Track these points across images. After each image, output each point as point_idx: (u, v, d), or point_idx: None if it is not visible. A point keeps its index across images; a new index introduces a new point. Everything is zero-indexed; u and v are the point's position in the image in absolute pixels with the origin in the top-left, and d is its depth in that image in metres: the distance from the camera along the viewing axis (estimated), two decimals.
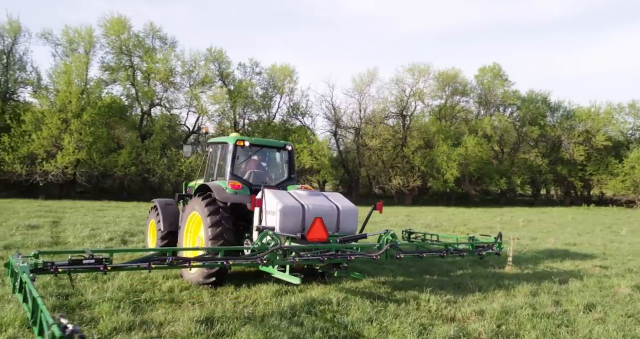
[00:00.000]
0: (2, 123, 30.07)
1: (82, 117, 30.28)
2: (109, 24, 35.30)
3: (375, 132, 41.47)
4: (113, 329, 4.84)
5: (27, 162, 29.31)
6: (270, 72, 41.54)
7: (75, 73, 32.35)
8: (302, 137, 37.88)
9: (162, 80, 36.43)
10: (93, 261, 4.67)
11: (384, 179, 41.41)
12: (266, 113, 41.85)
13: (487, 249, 7.89)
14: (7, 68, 33.96)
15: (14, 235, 11.57)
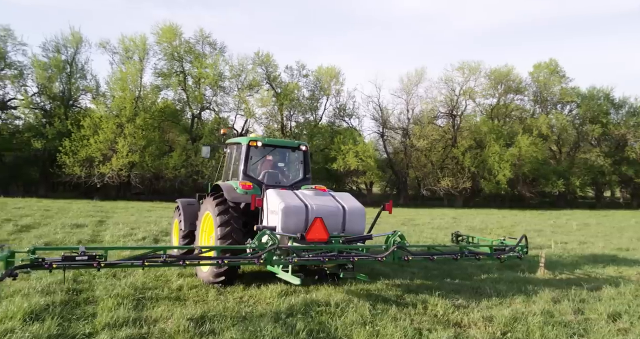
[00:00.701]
0: (64, 128, 32.02)
1: (135, 121, 31.69)
2: (162, 32, 36.74)
3: (423, 132, 40.63)
4: (106, 324, 4.98)
5: (86, 165, 31.00)
6: (316, 74, 41.75)
7: (130, 80, 33.96)
8: (347, 138, 37.74)
9: (211, 85, 37.47)
10: (86, 258, 4.83)
11: (432, 180, 40.49)
12: (313, 115, 42.08)
13: (507, 253, 7.49)
14: (70, 77, 36.09)
15: (57, 233, 12.23)
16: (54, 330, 4.68)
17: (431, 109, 43.06)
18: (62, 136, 31.57)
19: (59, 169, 30.78)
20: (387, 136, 44.20)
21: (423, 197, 43.17)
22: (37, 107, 35.42)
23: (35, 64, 33.95)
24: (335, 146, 37.75)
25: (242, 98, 37.84)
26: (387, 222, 22.01)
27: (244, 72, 38.63)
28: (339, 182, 42.73)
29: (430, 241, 14.29)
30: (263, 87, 39.99)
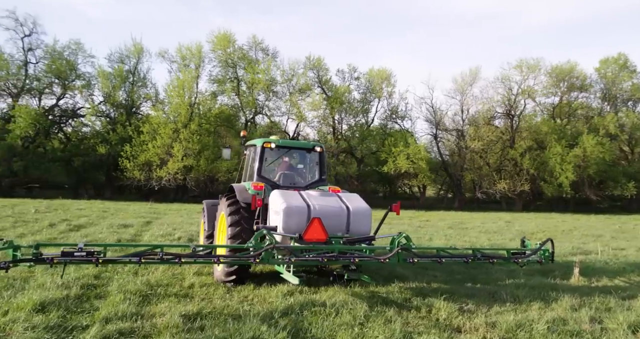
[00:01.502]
0: (126, 134, 33.88)
1: (190, 127, 32.97)
2: (216, 40, 38.06)
3: (478, 133, 39.33)
4: (104, 317, 5.22)
5: (145, 169, 32.61)
6: (368, 76, 41.59)
7: (186, 86, 35.40)
8: (398, 140, 37.26)
9: (263, 90, 38.30)
10: (84, 254, 5.11)
11: (487, 183, 39.06)
12: (364, 117, 41.94)
13: (526, 257, 7.10)
14: (132, 85, 38.19)
15: (102, 233, 12.96)
16: (55, 321, 4.97)
17: (487, 110, 41.62)
18: (124, 141, 33.41)
19: (121, 173, 32.59)
20: (441, 137, 43.20)
21: (479, 201, 41.73)
22: (102, 115, 37.73)
23: (100, 74, 36.21)
24: (386, 148, 37.38)
25: (293, 102, 38.36)
26: (434, 225, 21.52)
27: (295, 76, 39.22)
28: (390, 185, 42.30)
29: (467, 245, 13.81)
30: (314, 91, 40.39)
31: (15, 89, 36.80)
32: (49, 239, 11.42)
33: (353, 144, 39.61)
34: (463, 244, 13.78)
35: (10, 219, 15.56)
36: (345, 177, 38.55)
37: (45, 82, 37.58)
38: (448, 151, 43.68)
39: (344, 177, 38.85)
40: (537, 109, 43.73)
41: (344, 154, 41.14)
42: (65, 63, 36.74)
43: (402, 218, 26.71)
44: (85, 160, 35.16)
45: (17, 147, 33.25)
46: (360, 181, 39.83)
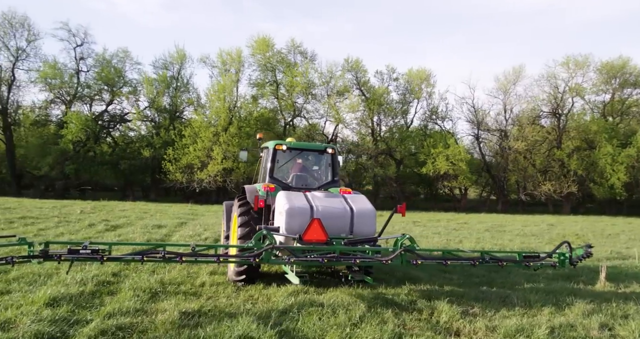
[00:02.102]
0: (169, 138, 35.07)
1: (229, 130, 33.73)
2: (256, 44, 38.77)
3: (522, 133, 38.07)
4: (109, 312, 5.46)
5: (187, 172, 33.62)
6: (406, 77, 41.19)
7: (226, 91, 36.23)
8: (437, 141, 36.65)
9: (302, 93, 38.66)
10: (89, 252, 5.37)
11: (532, 184, 37.73)
12: (403, 119, 41.53)
13: (540, 260, 6.84)
14: (176, 90, 39.52)
15: (135, 233, 13.49)
16: (62, 315, 5.25)
17: (532, 109, 40.26)
18: (167, 145, 34.59)
19: (164, 175, 33.74)
20: (483, 138, 42.15)
21: (524, 203, 40.37)
22: (147, 120, 39.23)
23: (145, 80, 37.66)
24: (425, 149, 36.87)
25: (331, 104, 38.50)
26: (471, 228, 21.04)
27: (333, 78, 39.36)
28: (430, 186, 41.63)
29: (497, 248, 13.44)
30: (353, 92, 40.38)
31: (69, 96, 38.88)
32: (84, 238, 12.00)
33: (392, 145, 39.28)
34: (492, 247, 13.42)
35: (55, 219, 16.45)
36: (383, 179, 38.28)
37: (95, 89, 39.51)
38: (490, 151, 42.55)
39: (383, 179, 38.59)
40: (586, 108, 41.98)
41: (383, 156, 40.88)
42: (114, 70, 38.49)
43: (439, 220, 26.28)
44: (132, 163, 36.63)
45: (68, 151, 35.08)
46: (399, 183, 39.42)
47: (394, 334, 5.07)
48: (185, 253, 5.75)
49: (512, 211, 38.32)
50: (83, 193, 38.08)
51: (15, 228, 13.45)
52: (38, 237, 11.78)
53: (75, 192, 38.14)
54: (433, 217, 28.91)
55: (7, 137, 37.78)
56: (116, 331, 4.88)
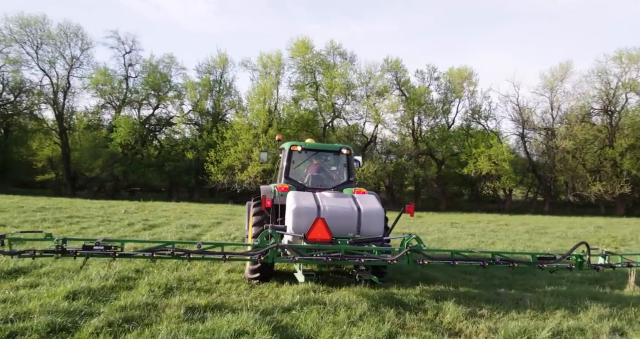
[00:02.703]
0: (211, 140, 36.06)
1: (269, 132, 34.29)
2: (295, 47, 39.23)
3: (570, 132, 36.54)
4: (120, 306, 5.77)
5: (228, 173, 34.46)
6: (448, 76, 40.48)
7: (266, 93, 36.86)
8: (479, 141, 35.79)
9: (341, 94, 38.77)
10: (102, 248, 5.70)
11: (581, 185, 36.14)
12: (445, 118, 40.84)
13: (556, 262, 6.63)
14: (218, 94, 40.59)
15: (170, 231, 14.02)
16: (76, 308, 5.59)
17: (581, 106, 38.56)
18: (210, 147, 35.58)
19: (207, 176, 34.72)
20: (529, 137, 40.79)
21: (573, 205, 38.74)
22: (191, 123, 40.49)
23: (188, 85, 38.90)
24: (466, 149, 36.09)
25: (370, 105, 38.39)
26: (510, 230, 20.47)
27: (372, 79, 39.24)
28: (473, 187, 40.71)
29: (529, 249, 13.04)
30: (392, 93, 40.13)
31: (118, 101, 40.72)
32: (119, 236, 12.63)
33: (433, 145, 38.71)
34: (524, 249, 13.06)
35: (98, 219, 17.31)
36: (424, 179, 37.79)
37: (143, 94, 41.16)
38: (536, 151, 41.11)
39: (424, 180, 38.10)
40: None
41: (424, 156, 40.37)
42: (160, 76, 39.97)
43: (479, 221, 25.69)
44: (176, 165, 37.92)
45: (117, 154, 36.75)
46: (440, 184, 38.77)
47: (389, 333, 5.09)
48: (193, 251, 5.98)
49: (560, 212, 36.88)
50: (133, 194, 39.77)
51: (60, 227, 14.26)
52: (79, 235, 12.48)
53: (125, 193, 39.91)
54: (474, 218, 28.27)
55: (62, 141, 40.03)
56: (122, 323, 5.15)
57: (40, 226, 14.09)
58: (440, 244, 13.92)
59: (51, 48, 39.21)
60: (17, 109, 41.10)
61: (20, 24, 38.03)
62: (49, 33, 38.96)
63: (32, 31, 38.42)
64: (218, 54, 40.57)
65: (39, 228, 13.66)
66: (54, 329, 4.89)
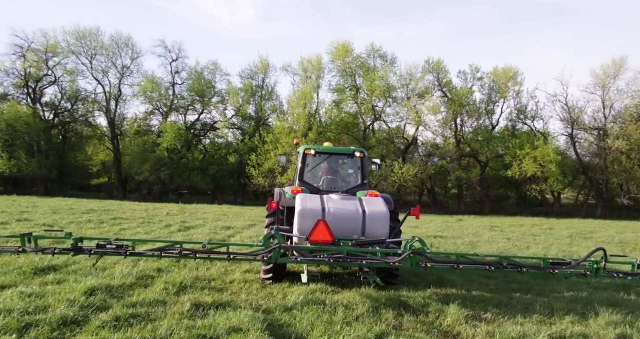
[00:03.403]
0: (253, 144, 36.83)
1: (309, 135, 34.65)
2: (335, 50, 39.47)
3: (624, 131, 34.72)
4: (133, 302, 6.10)
5: (269, 176, 35.07)
6: (492, 75, 39.46)
7: (307, 97, 37.27)
8: (524, 142, 34.66)
9: (381, 96, 38.64)
10: (114, 247, 6.07)
11: (635, 187, 34.26)
12: (488, 119, 39.82)
13: (569, 267, 6.43)
14: (260, 99, 41.43)
15: (202, 233, 14.51)
16: (91, 302, 5.97)
17: (636, 104, 36.57)
18: (252, 151, 36.36)
19: (248, 179, 35.49)
20: (579, 137, 39.08)
21: (629, 208, 36.73)
22: (233, 127, 41.53)
23: (230, 90, 39.98)
24: (510, 151, 35.05)
25: (410, 107, 38.03)
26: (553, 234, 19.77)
27: (412, 80, 38.86)
28: (518, 190, 39.44)
29: (562, 254, 12.57)
30: (434, 94, 39.58)
31: (165, 107, 42.32)
32: (155, 237, 13.20)
33: (476, 147, 37.83)
34: (557, 254, 12.60)
35: (139, 220, 18.11)
36: (466, 182, 37.00)
37: (188, 100, 42.60)
38: (587, 152, 39.32)
39: (465, 182, 37.31)
40: None
41: (467, 158, 39.54)
42: (204, 82, 41.26)
43: (522, 225, 24.93)
44: (219, 168, 38.99)
45: (164, 158, 38.19)
46: (484, 186, 37.81)
47: (380, 333, 5.15)
48: (199, 250, 6.26)
49: (613, 216, 35.08)
50: (180, 196, 41.17)
51: (102, 228, 15.04)
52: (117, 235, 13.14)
53: (173, 195, 41.39)
54: (517, 222, 27.42)
55: (114, 146, 42.05)
56: (129, 318, 5.47)
57: (84, 227, 14.92)
58: (469, 247, 13.69)
59: (104, 58, 41.35)
60: (74, 116, 43.50)
61: (76, 36, 40.33)
62: (102, 44, 41.11)
63: (86, 43, 40.67)
64: (260, 60, 41.44)
65: (82, 229, 14.49)
66: (65, 322, 5.27)
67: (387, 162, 34.76)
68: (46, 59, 40.88)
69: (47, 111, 42.82)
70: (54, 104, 42.93)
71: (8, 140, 37.95)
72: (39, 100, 42.15)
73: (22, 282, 7.05)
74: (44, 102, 42.72)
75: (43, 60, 40.79)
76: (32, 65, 40.52)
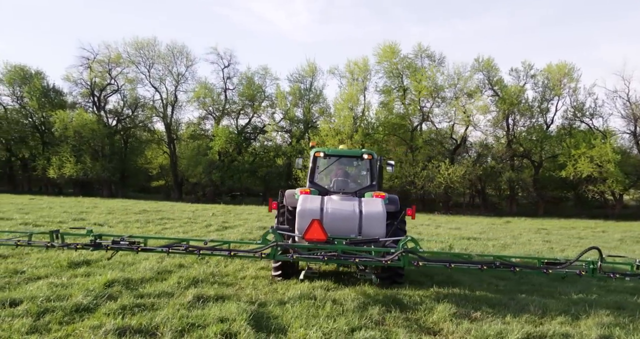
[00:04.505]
0: (300, 147, 37.55)
1: (354, 137, 34.87)
2: (382, 52, 39.46)
3: None
4: (140, 294, 6.67)
5: None
6: (546, 72, 37.95)
7: (353, 99, 37.51)
8: (579, 141, 33.09)
9: (429, 97, 38.20)
10: (127, 243, 6.67)
11: None
12: (542, 118, 38.34)
13: (563, 267, 6.35)
14: (309, 102, 42.13)
15: (236, 232, 15.18)
16: (107, 293, 6.59)
17: None
18: (299, 153, 37.05)
19: (295, 181, 36.20)
20: None
21: None
22: (282, 130, 42.51)
23: (278, 94, 40.96)
24: (565, 150, 33.57)
25: (458, 106, 37.34)
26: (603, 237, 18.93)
27: (461, 80, 38.13)
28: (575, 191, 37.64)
29: None
30: (484, 93, 38.65)
31: (218, 112, 43.98)
32: (193, 236, 13.99)
33: (528, 147, 36.54)
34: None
35: (184, 221, 19.11)
36: (517, 183, 35.83)
37: (239, 104, 44.02)
38: None
39: (517, 184, 36.12)
40: None
41: (519, 159, 38.29)
42: (255, 87, 42.52)
43: (574, 228, 23.95)
44: (269, 171, 40.04)
45: (215, 161, 39.73)
46: (537, 188, 36.42)
47: (355, 327, 5.39)
48: (203, 247, 6.74)
49: None
50: (234, 198, 42.62)
51: (146, 227, 16.04)
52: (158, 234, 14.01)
53: (226, 197, 42.89)
54: (569, 224, 26.34)
55: (170, 150, 44.20)
56: (134, 307, 6.02)
57: (131, 227, 15.99)
58: (499, 249, 13.49)
59: (161, 66, 43.62)
60: (134, 122, 46.16)
61: (135, 46, 42.85)
62: (159, 53, 43.39)
63: (145, 53, 43.09)
64: (307, 63, 42.15)
65: (129, 228, 15.54)
66: (78, 309, 5.89)
67: (434, 163, 34.34)
68: (109, 69, 43.73)
69: (111, 117, 45.77)
70: (117, 111, 45.80)
71: (75, 146, 40.88)
72: (103, 108, 45.15)
73: (55, 274, 7.85)
74: (107, 110, 45.72)
75: (107, 70, 43.66)
76: (97, 75, 43.48)
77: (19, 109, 43.91)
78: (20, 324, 5.24)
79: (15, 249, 9.41)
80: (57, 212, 19.81)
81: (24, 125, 43.98)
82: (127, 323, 5.34)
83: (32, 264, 8.58)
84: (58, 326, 5.31)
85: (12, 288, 6.84)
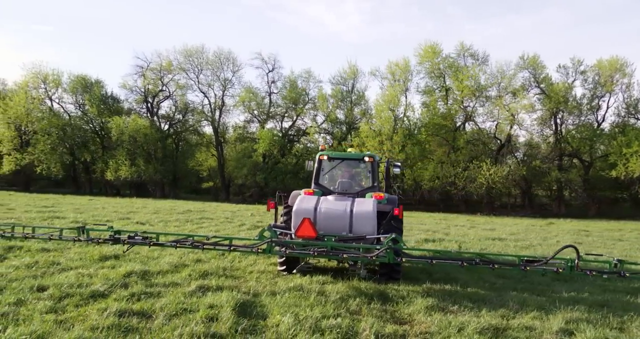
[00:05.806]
0: (341, 149, 38.07)
1: (394, 138, 35.02)
2: (423, 52, 39.35)
3: None
4: (150, 284, 7.45)
5: None
6: (596, 68, 36.48)
7: (394, 100, 37.64)
8: (632, 140, 31.63)
9: (472, 96, 37.70)
10: (140, 239, 7.49)
11: None
12: (593, 116, 36.87)
13: (540, 265, 6.54)
14: (351, 104, 42.64)
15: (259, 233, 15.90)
16: (122, 282, 7.41)
17: None
18: None
19: None
20: None
21: None
22: (324, 132, 43.23)
23: (319, 97, 41.73)
24: (616, 149, 32.18)
25: (502, 105, 36.61)
26: (620, 238, 18.24)
27: (505, 78, 37.38)
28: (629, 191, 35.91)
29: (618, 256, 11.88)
30: (530, 91, 37.69)
31: (262, 115, 45.32)
32: (226, 234, 14.84)
33: (577, 146, 35.27)
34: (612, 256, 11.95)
35: (221, 220, 20.14)
36: (565, 183, 34.66)
37: (283, 108, 45.16)
38: None
39: (565, 184, 34.94)
40: None
41: (568, 158, 37.02)
42: (298, 90, 43.51)
43: (621, 230, 23.12)
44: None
45: (259, 163, 41.00)
46: (587, 188, 35.07)
47: (328, 315, 5.88)
48: (206, 242, 7.45)
49: None
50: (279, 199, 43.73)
51: (183, 226, 17.11)
52: (192, 232, 14.97)
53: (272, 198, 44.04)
54: (618, 226, 25.40)
55: (218, 153, 46.01)
56: (140, 294, 6.79)
57: (170, 225, 17.10)
58: (518, 250, 13.46)
59: (209, 72, 45.53)
60: (185, 126, 48.38)
61: (184, 54, 44.98)
62: (207, 60, 45.31)
63: (193, 60, 45.12)
64: (349, 66, 42.67)
65: (167, 227, 16.66)
66: (94, 295, 6.72)
67: (476, 164, 33.89)
68: (161, 76, 46.09)
69: (163, 122, 48.19)
70: (168, 116, 48.19)
71: (130, 149, 43.41)
72: (156, 113, 47.64)
73: (86, 266, 8.80)
74: (160, 115, 48.18)
75: (159, 77, 46.06)
76: (150, 82, 45.97)
77: (81, 116, 47.13)
78: (42, 305, 6.11)
79: (59, 244, 10.58)
80: (108, 212, 21.35)
81: (86, 131, 47.16)
82: (129, 307, 6.09)
83: (70, 257, 9.61)
84: (73, 308, 6.13)
85: (46, 276, 7.81)
